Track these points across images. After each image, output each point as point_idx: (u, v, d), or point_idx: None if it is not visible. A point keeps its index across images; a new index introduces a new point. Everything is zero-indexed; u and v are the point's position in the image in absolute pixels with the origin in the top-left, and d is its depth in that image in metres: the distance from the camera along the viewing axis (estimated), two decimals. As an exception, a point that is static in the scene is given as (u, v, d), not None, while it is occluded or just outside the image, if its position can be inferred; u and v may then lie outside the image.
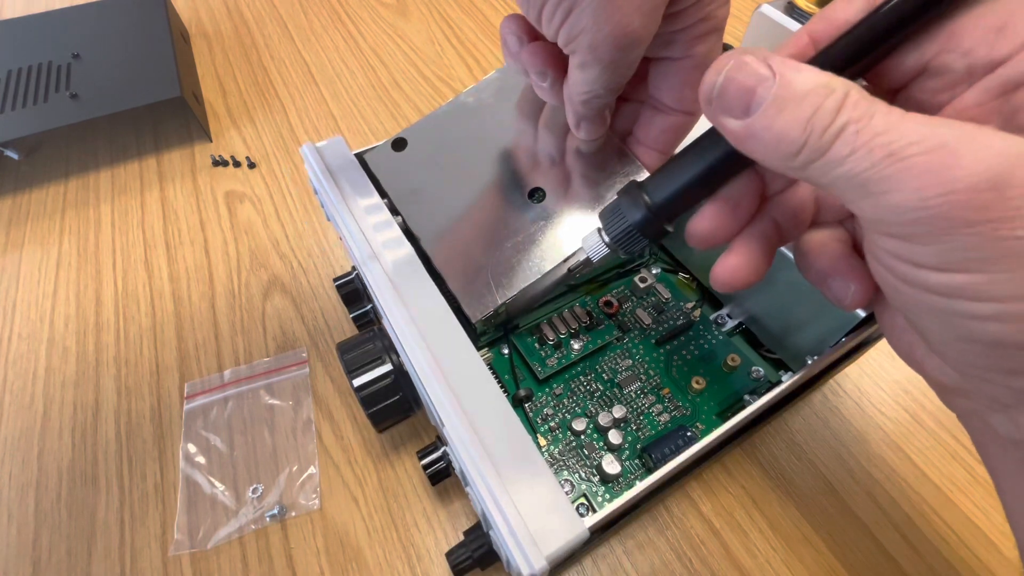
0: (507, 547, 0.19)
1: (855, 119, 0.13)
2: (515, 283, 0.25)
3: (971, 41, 0.15)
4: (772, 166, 0.15)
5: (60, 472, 0.34)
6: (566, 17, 0.19)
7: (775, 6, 0.38)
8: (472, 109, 0.29)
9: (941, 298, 0.13)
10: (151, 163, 0.51)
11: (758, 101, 0.14)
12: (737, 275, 0.18)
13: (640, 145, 0.25)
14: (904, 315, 0.16)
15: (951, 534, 0.30)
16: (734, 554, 0.30)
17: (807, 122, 0.13)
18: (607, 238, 0.21)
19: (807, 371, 0.24)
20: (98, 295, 0.42)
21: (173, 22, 0.57)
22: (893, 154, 0.12)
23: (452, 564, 0.26)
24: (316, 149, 0.29)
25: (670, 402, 0.31)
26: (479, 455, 0.20)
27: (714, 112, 0.15)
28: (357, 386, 0.27)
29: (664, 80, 0.23)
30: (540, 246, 0.25)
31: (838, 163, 0.13)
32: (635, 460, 0.29)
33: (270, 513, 0.32)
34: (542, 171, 0.27)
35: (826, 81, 0.13)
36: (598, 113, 0.23)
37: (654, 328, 0.34)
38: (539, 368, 0.32)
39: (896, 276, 0.14)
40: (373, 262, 0.25)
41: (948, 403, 0.18)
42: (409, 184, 0.28)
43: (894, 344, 0.19)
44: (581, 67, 0.20)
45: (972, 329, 0.13)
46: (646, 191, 0.19)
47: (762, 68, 0.14)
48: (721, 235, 0.19)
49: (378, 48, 0.61)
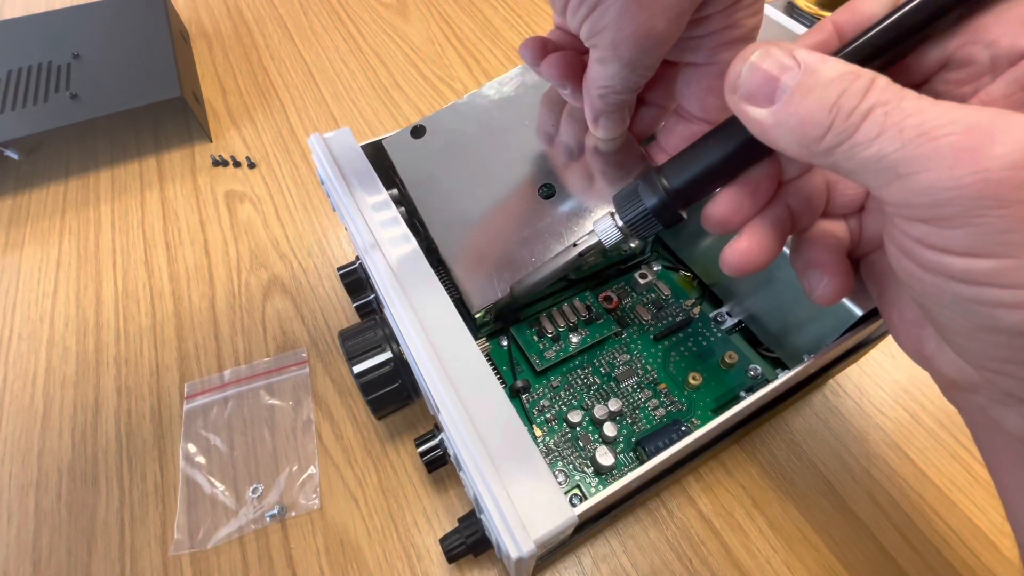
0: (497, 530, 0.19)
1: (883, 101, 0.13)
2: (518, 275, 0.25)
3: (996, 32, 0.15)
4: (796, 154, 0.15)
5: (60, 472, 0.34)
6: (590, 12, 0.19)
7: (775, 6, 0.38)
8: (493, 102, 0.29)
9: (965, 285, 0.13)
10: (151, 163, 0.51)
11: (783, 89, 0.14)
12: (748, 258, 0.18)
13: (661, 151, 0.25)
14: (921, 305, 0.16)
15: (951, 534, 0.30)
16: (734, 554, 0.30)
17: (833, 104, 0.13)
18: (621, 222, 0.21)
19: (803, 368, 0.24)
20: (98, 295, 0.42)
21: (173, 22, 0.57)
22: (925, 133, 0.12)
23: (446, 549, 0.27)
24: (323, 140, 0.29)
25: (666, 397, 0.31)
26: (472, 439, 0.20)
27: (738, 101, 0.15)
28: (357, 373, 0.27)
29: (688, 86, 0.23)
30: (548, 242, 0.25)
31: (866, 145, 0.13)
32: (629, 453, 0.29)
33: (270, 513, 0.32)
34: (557, 168, 0.27)
35: (853, 68, 0.13)
36: (616, 109, 0.23)
37: (653, 324, 0.34)
38: (537, 360, 0.32)
39: (918, 263, 0.14)
40: (375, 251, 0.25)
41: (952, 399, 0.18)
42: (424, 171, 0.28)
43: (901, 340, 0.19)
44: (601, 62, 0.20)
45: (995, 318, 0.13)
46: (664, 176, 0.19)
47: (787, 58, 0.14)
48: (738, 220, 0.19)
49: (378, 48, 0.61)
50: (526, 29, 0.62)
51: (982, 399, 0.17)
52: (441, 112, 0.29)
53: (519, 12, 0.64)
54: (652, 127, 0.25)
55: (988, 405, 0.17)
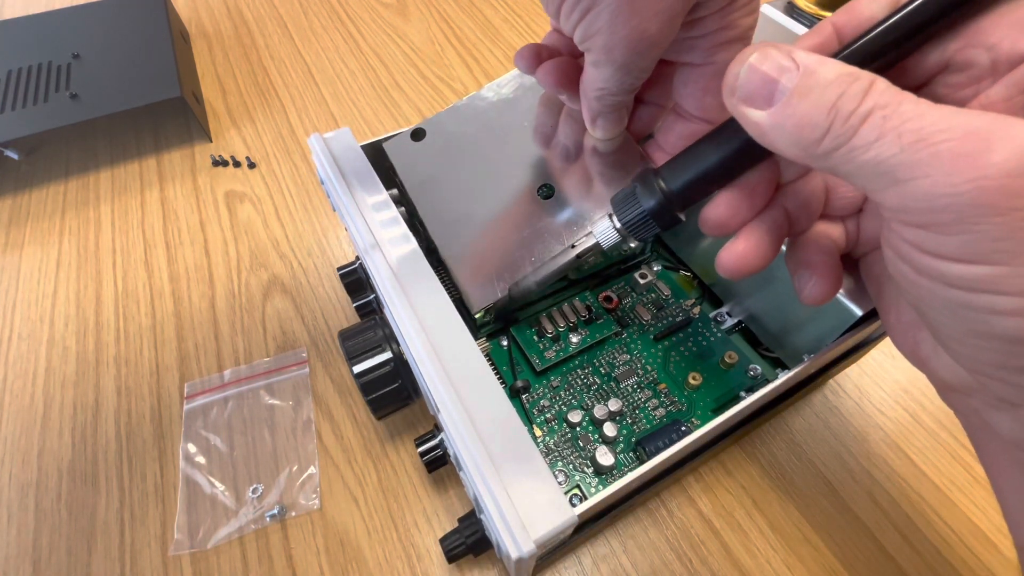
0: (497, 530, 0.19)
1: (882, 105, 0.13)
2: (517, 276, 0.25)
3: (996, 36, 0.15)
4: (794, 156, 0.15)
5: (60, 472, 0.34)
6: (583, 16, 0.19)
7: (775, 6, 0.38)
8: (491, 104, 0.29)
9: (960, 291, 0.13)
10: (151, 163, 0.51)
11: (781, 90, 0.14)
12: (743, 262, 0.18)
13: (659, 150, 0.25)
14: (917, 309, 0.16)
15: (951, 534, 0.30)
16: (734, 554, 0.30)
17: (831, 107, 0.13)
18: (618, 224, 0.21)
19: (802, 368, 0.24)
20: (98, 295, 0.42)
21: (173, 22, 0.57)
22: (923, 139, 0.12)
23: (446, 549, 0.27)
24: (323, 140, 0.29)
25: (666, 397, 0.31)
26: (472, 439, 0.20)
27: (736, 103, 0.15)
28: (357, 373, 0.27)
29: (685, 86, 0.23)
30: (547, 242, 0.25)
31: (864, 149, 0.13)
32: (629, 453, 0.29)
33: (270, 513, 0.32)
34: (556, 168, 0.27)
35: (852, 70, 0.13)
36: (613, 110, 0.23)
37: (653, 324, 0.34)
38: (537, 360, 0.32)
39: (914, 268, 0.14)
40: (375, 251, 0.25)
41: (948, 401, 0.18)
42: (424, 174, 0.28)
43: (897, 341, 0.19)
44: (595, 65, 0.20)
45: (990, 324, 0.13)
46: (662, 178, 0.19)
47: (785, 60, 0.14)
48: (735, 222, 0.19)
49: (378, 48, 0.61)
50: (526, 29, 0.62)
51: (976, 402, 0.17)
52: (440, 115, 0.29)
53: (519, 12, 0.64)
54: (650, 126, 0.26)
55: (982, 408, 0.17)
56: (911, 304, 0.16)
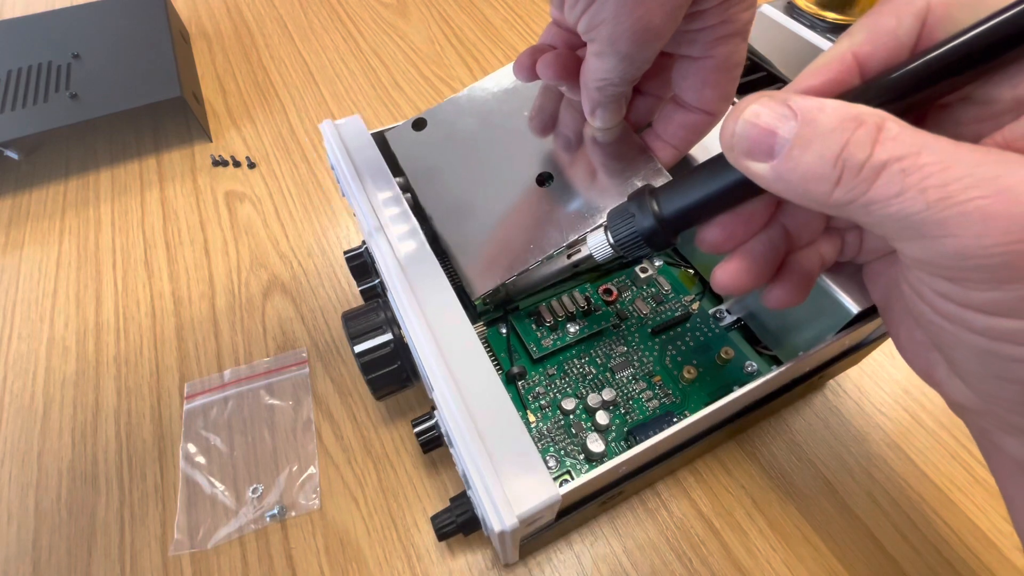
0: (482, 504, 0.19)
1: (899, 156, 0.12)
2: (516, 265, 0.25)
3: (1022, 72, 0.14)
4: (808, 206, 0.14)
5: (60, 472, 0.34)
6: (588, 6, 0.19)
7: (775, 6, 0.38)
8: (492, 94, 0.29)
9: (985, 339, 0.13)
10: (151, 163, 0.51)
11: (781, 142, 0.13)
12: (737, 282, 0.18)
13: (658, 139, 0.25)
14: (936, 344, 0.15)
15: (951, 534, 0.30)
16: (734, 554, 0.30)
17: (837, 157, 0.12)
18: (612, 239, 0.21)
19: (795, 364, 0.24)
20: (98, 295, 0.42)
21: (173, 22, 0.57)
22: (949, 196, 0.11)
23: (436, 527, 0.27)
24: (335, 126, 0.30)
25: (660, 389, 0.31)
26: (463, 415, 0.21)
27: (737, 157, 0.15)
28: (358, 352, 0.28)
29: (684, 79, 0.23)
30: (546, 230, 0.26)
31: (884, 204, 0.12)
32: (621, 442, 0.30)
33: (270, 513, 0.32)
34: (555, 157, 0.27)
35: (855, 114, 0.12)
36: (613, 100, 0.23)
37: (651, 318, 0.34)
38: (534, 348, 0.32)
39: (938, 312, 0.14)
40: (380, 234, 0.26)
41: (958, 414, 0.18)
42: (425, 163, 0.29)
43: (909, 359, 0.19)
44: (598, 55, 0.20)
45: (1012, 370, 0.13)
46: (658, 201, 0.19)
47: (782, 108, 0.13)
48: (732, 244, 0.19)
49: (378, 48, 0.61)
50: (526, 29, 0.62)
51: (987, 423, 0.17)
52: (442, 105, 0.30)
53: (519, 12, 0.64)
54: (648, 116, 0.26)
55: (992, 430, 0.16)
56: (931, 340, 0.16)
